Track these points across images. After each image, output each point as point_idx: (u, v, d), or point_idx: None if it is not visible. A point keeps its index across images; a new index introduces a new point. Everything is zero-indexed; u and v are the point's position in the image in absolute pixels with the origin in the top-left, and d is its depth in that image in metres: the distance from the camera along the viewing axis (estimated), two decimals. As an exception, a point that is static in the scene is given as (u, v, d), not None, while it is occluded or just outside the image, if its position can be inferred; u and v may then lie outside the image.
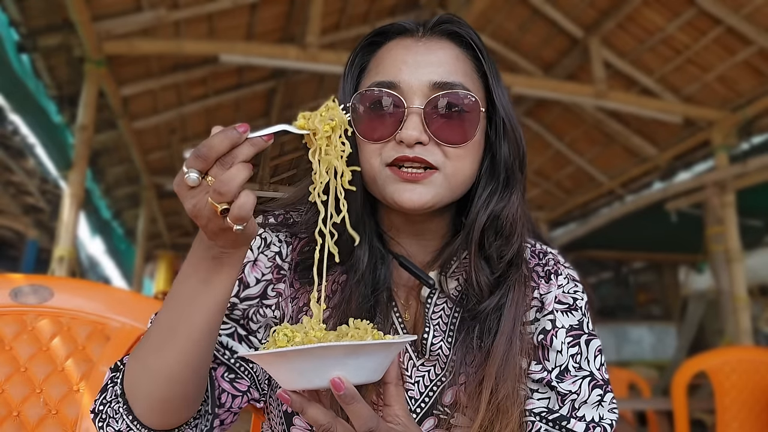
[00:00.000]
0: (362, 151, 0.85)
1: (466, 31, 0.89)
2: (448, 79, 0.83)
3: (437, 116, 0.82)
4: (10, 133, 5.41)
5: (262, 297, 0.88)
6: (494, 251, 0.87)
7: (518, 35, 6.26)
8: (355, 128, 0.84)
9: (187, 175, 0.62)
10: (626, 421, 3.81)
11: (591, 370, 0.88)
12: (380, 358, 0.65)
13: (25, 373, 1.02)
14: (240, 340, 0.86)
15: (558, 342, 0.88)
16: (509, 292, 0.86)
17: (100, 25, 4.73)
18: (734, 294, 5.87)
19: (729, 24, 5.26)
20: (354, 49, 0.92)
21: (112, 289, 1.24)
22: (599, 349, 0.90)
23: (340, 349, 0.61)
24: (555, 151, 7.81)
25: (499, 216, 0.86)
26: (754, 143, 6.17)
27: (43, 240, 7.45)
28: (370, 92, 0.84)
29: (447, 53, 0.86)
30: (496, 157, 0.88)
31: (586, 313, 0.93)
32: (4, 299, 1.06)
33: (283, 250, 0.91)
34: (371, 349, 0.63)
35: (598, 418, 0.85)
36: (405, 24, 0.90)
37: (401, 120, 0.81)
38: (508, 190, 0.88)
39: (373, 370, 0.65)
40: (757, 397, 2.70)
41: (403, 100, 0.82)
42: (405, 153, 0.81)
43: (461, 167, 0.84)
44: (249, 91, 6.72)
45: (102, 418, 0.78)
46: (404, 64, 0.84)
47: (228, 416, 0.85)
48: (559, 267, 0.95)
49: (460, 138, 0.83)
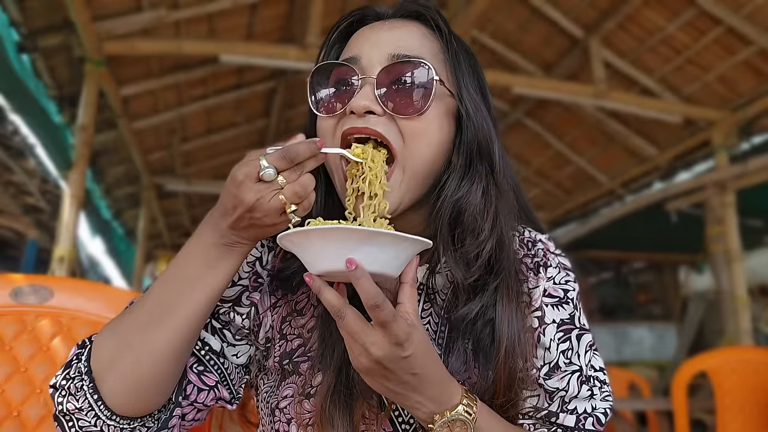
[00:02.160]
0: (318, 130, 0.84)
1: (432, 14, 0.87)
2: (409, 52, 0.81)
3: (390, 85, 0.79)
4: (10, 133, 5.41)
5: (235, 303, 0.86)
6: (467, 250, 0.81)
7: (518, 35, 6.26)
8: (312, 104, 0.84)
9: (266, 171, 0.69)
10: (626, 421, 3.81)
11: (581, 365, 0.85)
12: (393, 251, 0.69)
13: (25, 373, 1.02)
14: (213, 333, 0.85)
15: (546, 339, 0.85)
16: (497, 305, 0.82)
17: (101, 25, 4.73)
18: (734, 294, 5.87)
19: (729, 24, 5.26)
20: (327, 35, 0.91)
21: (112, 289, 1.23)
22: (590, 344, 0.87)
23: (356, 233, 0.66)
24: (555, 151, 7.81)
25: (461, 208, 0.81)
26: (754, 143, 6.17)
27: (43, 240, 7.44)
28: (328, 65, 0.84)
29: (411, 31, 0.85)
30: (461, 147, 0.84)
31: (578, 306, 0.89)
32: (4, 299, 1.06)
33: (264, 256, 0.90)
34: (384, 238, 0.67)
35: (591, 409, 0.84)
36: (378, 9, 0.90)
37: (354, 92, 0.80)
38: (467, 179, 0.82)
39: (386, 262, 0.69)
40: (757, 397, 2.70)
41: (357, 72, 0.81)
42: (355, 124, 0.79)
43: (418, 149, 0.80)
44: (249, 91, 6.72)
45: (62, 394, 0.75)
46: (366, 40, 0.84)
47: (190, 411, 0.82)
48: (549, 257, 0.91)
49: (413, 108, 0.79)
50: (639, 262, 11.34)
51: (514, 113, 7.25)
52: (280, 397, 0.85)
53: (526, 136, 7.66)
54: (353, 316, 0.69)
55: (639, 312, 11.12)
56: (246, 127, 7.53)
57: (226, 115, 7.14)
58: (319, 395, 0.79)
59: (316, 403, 0.79)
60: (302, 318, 0.87)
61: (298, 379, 0.84)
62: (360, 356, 0.70)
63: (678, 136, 6.70)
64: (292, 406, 0.82)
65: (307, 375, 0.82)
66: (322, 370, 0.81)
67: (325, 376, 0.80)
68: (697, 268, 9.21)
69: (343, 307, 0.69)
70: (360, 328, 0.69)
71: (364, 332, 0.69)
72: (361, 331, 0.69)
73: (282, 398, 0.84)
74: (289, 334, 0.87)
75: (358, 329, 0.69)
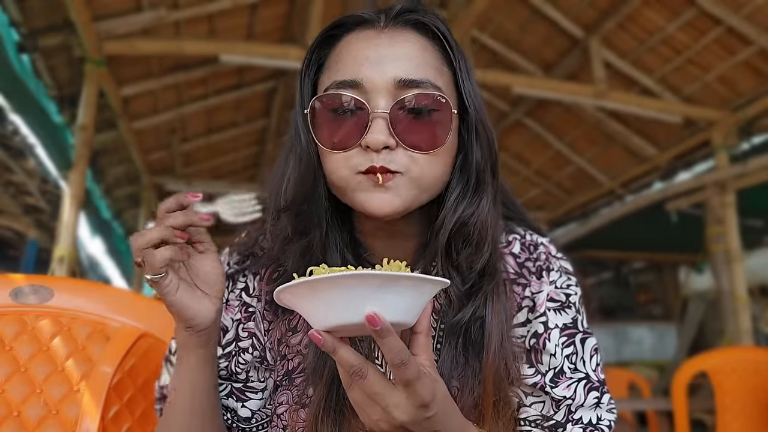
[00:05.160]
0: (327, 161, 0.78)
1: (431, 20, 0.81)
2: (416, 75, 0.76)
3: (405, 119, 0.75)
4: (10, 133, 5.41)
5: (237, 340, 0.86)
6: (464, 260, 0.80)
7: (518, 35, 6.25)
8: (315, 135, 0.78)
9: None
10: (626, 422, 3.81)
11: (587, 372, 0.83)
12: (414, 297, 0.62)
13: (25, 373, 1.02)
14: (237, 399, 0.86)
15: (551, 345, 0.83)
16: (487, 303, 0.81)
17: (101, 25, 4.73)
18: (734, 294, 5.86)
19: (729, 24, 5.25)
20: (310, 45, 0.84)
21: (112, 289, 1.23)
22: (595, 348, 0.85)
23: (374, 278, 0.58)
24: (555, 151, 7.81)
25: (467, 223, 0.79)
26: (754, 143, 6.17)
27: (43, 240, 7.44)
28: (330, 95, 0.77)
29: (413, 45, 0.78)
30: (468, 157, 0.81)
31: (581, 309, 0.88)
32: (4, 299, 1.06)
33: (250, 283, 0.89)
34: (406, 282, 0.60)
35: (596, 420, 0.82)
36: (365, 14, 0.82)
37: (366, 125, 0.75)
38: (477, 195, 0.81)
39: (406, 310, 0.62)
40: (757, 398, 2.70)
41: (366, 103, 0.75)
42: (373, 162, 0.74)
43: (428, 171, 0.77)
44: (249, 91, 6.72)
45: None
46: (366, 60, 0.76)
47: None
48: (551, 261, 0.89)
49: (430, 143, 0.76)
50: (639, 262, 11.34)
51: (514, 113, 7.25)
52: (276, 403, 0.85)
53: (526, 136, 7.66)
54: (376, 374, 0.62)
55: (639, 312, 11.11)
56: (246, 127, 7.53)
57: (226, 115, 7.14)
58: (311, 408, 0.78)
59: (308, 417, 0.78)
60: (297, 335, 0.86)
61: (293, 388, 0.83)
62: (380, 422, 0.64)
63: (678, 136, 6.69)
64: (288, 413, 0.82)
65: (302, 385, 0.82)
66: (314, 383, 0.79)
67: (317, 389, 0.78)
68: (697, 268, 9.20)
69: (365, 365, 0.62)
70: (383, 389, 0.62)
71: (387, 393, 0.62)
72: (385, 392, 0.62)
73: (278, 404, 0.84)
74: (288, 354, 0.86)
75: (381, 390, 0.62)
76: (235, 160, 8.39)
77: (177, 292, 0.72)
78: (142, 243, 0.69)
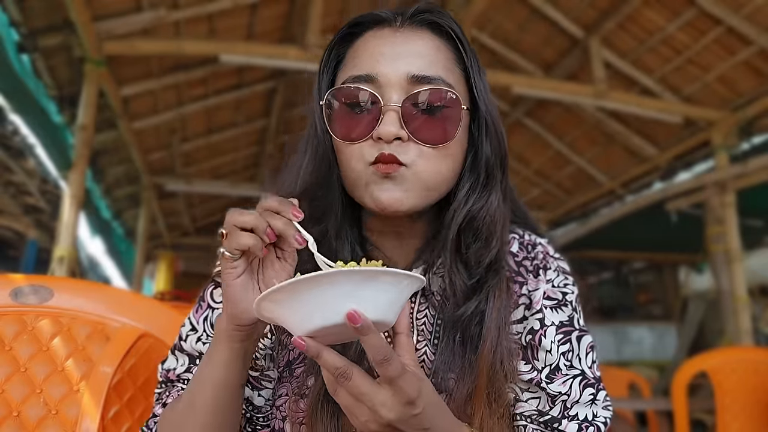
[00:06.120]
0: (342, 154, 0.81)
1: (446, 21, 0.84)
2: (428, 72, 0.79)
3: (416, 113, 0.78)
4: (10, 133, 5.41)
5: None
6: (472, 255, 0.82)
7: (518, 35, 6.26)
8: (330, 127, 0.81)
9: None
10: (626, 421, 3.81)
11: (582, 369, 0.84)
12: (394, 293, 0.62)
13: (25, 373, 1.02)
14: (253, 387, 0.86)
15: (547, 341, 0.84)
16: (489, 298, 0.82)
17: (101, 25, 4.73)
18: (734, 294, 5.87)
19: (729, 24, 5.26)
20: (329, 43, 0.88)
21: (112, 289, 1.23)
22: (591, 345, 0.86)
23: (354, 274, 0.59)
24: (555, 151, 7.81)
25: (476, 216, 0.82)
26: (754, 143, 6.17)
27: (43, 240, 7.45)
28: (345, 88, 0.80)
29: (426, 44, 0.82)
30: (478, 154, 0.84)
31: (577, 308, 0.89)
32: (4, 299, 1.06)
33: None
34: (384, 278, 0.60)
35: (592, 416, 0.82)
36: (382, 13, 0.85)
37: (378, 117, 0.77)
38: (486, 190, 0.83)
39: (386, 308, 0.62)
40: (757, 398, 2.70)
41: (380, 97, 0.78)
42: (383, 150, 0.77)
43: (434, 167, 0.79)
44: (249, 91, 6.72)
45: None
46: (381, 56, 0.80)
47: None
48: (549, 260, 0.91)
49: (440, 138, 0.78)
50: (639, 262, 11.34)
51: (514, 113, 7.25)
52: (276, 394, 0.85)
53: (526, 136, 7.66)
54: (361, 375, 0.63)
55: (639, 312, 11.12)
56: (246, 127, 7.53)
57: (226, 115, 7.14)
58: (309, 398, 0.79)
59: (307, 406, 0.79)
60: None
61: (293, 379, 0.84)
62: (369, 422, 0.64)
63: (678, 136, 6.70)
64: (288, 404, 0.82)
65: (302, 376, 0.82)
66: (314, 373, 0.80)
67: (317, 379, 0.79)
68: (697, 268, 9.20)
69: (349, 366, 0.62)
70: (369, 389, 0.63)
71: (373, 392, 0.63)
72: (370, 392, 0.63)
73: (278, 396, 0.85)
74: (288, 344, 0.87)
75: (367, 390, 0.63)
76: (235, 160, 8.39)
77: (238, 278, 0.71)
78: (236, 220, 0.69)
